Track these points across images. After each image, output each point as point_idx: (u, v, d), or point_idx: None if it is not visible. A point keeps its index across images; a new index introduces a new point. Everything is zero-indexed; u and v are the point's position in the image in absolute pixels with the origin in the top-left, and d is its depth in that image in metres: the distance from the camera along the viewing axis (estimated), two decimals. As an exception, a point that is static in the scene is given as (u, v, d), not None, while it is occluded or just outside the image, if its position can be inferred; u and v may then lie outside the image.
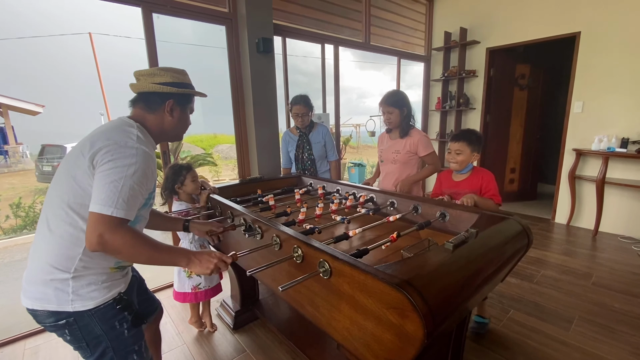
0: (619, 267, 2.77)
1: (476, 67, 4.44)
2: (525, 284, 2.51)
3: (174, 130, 1.15)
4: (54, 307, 0.95)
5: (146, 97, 1.08)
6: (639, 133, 3.26)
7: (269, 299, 2.21)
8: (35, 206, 5.52)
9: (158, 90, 1.07)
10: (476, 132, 1.87)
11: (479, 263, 1.05)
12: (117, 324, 1.03)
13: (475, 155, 1.82)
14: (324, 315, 1.05)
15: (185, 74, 1.15)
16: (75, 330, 0.99)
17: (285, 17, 3.14)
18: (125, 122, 1.03)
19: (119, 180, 0.90)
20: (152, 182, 1.03)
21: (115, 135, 0.96)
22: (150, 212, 1.33)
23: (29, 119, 7.50)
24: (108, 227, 0.88)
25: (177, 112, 1.12)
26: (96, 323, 1.00)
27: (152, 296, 1.38)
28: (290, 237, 1.16)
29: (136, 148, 0.95)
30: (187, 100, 1.14)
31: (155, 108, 1.09)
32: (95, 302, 0.98)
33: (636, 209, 3.39)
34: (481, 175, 1.82)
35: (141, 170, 0.94)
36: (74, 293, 0.96)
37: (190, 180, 1.86)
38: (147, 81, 1.07)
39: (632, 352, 1.78)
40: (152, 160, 1.00)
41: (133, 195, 0.92)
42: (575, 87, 3.66)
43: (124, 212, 0.90)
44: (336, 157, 2.76)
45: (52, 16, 42.20)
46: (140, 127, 1.05)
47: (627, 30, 3.24)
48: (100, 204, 0.88)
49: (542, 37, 3.79)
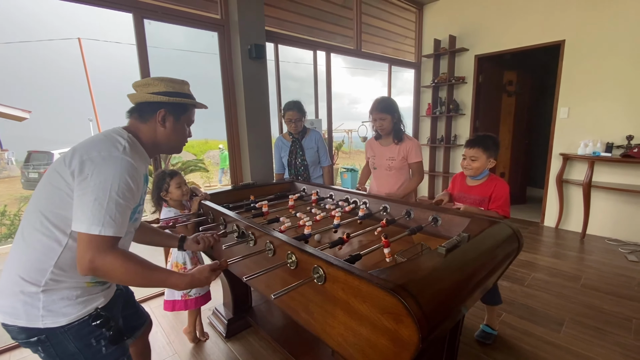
0: (607, 269, 2.82)
1: (465, 73, 4.52)
2: (516, 287, 2.54)
3: (168, 142, 1.10)
4: (24, 323, 0.90)
5: (140, 107, 1.06)
6: (623, 138, 3.35)
7: (262, 306, 2.19)
8: (21, 214, 5.39)
9: (150, 99, 1.04)
10: (493, 137, 1.78)
11: (472, 267, 1.06)
12: (94, 341, 0.97)
13: (491, 161, 1.74)
14: (318, 322, 1.04)
15: (184, 84, 1.12)
16: (48, 347, 0.93)
17: (278, 24, 3.17)
18: (116, 131, 1.00)
19: (103, 197, 0.86)
20: (138, 194, 0.98)
21: (100, 146, 0.92)
22: (142, 227, 1.30)
23: (15, 124, 7.33)
24: (98, 250, 0.85)
25: (170, 122, 1.07)
26: (70, 341, 0.94)
27: (140, 309, 1.33)
28: (284, 243, 1.15)
29: (120, 159, 0.91)
30: (181, 110, 1.09)
31: (147, 118, 1.05)
32: (68, 318, 0.93)
33: (622, 212, 3.48)
34: (495, 184, 1.74)
35: (124, 184, 0.90)
36: (44, 308, 0.90)
37: (175, 187, 1.82)
38: (142, 91, 1.06)
39: (622, 353, 1.81)
40: (137, 172, 0.95)
41: (120, 211, 0.89)
42: (561, 93, 3.75)
43: (113, 230, 0.87)
44: (329, 162, 2.77)
45: (41, 21, 41.74)
46: (132, 138, 1.01)
47: (610, 38, 3.35)
48: (87, 223, 0.84)
49: (529, 45, 3.89)
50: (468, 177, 1.84)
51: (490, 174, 1.81)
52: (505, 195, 1.71)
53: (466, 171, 1.81)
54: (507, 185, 1.76)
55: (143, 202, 1.09)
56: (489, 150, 1.73)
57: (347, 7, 3.82)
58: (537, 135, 5.40)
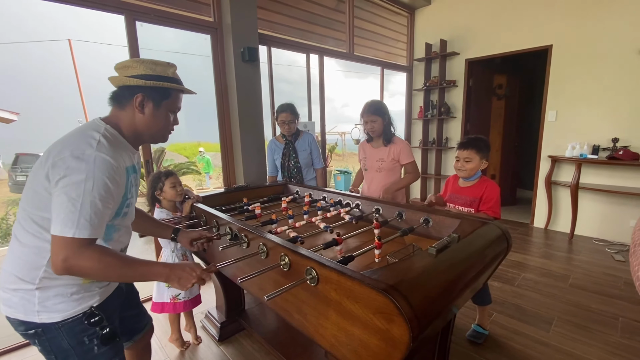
0: (595, 268, 2.88)
1: (456, 77, 4.59)
2: (507, 287, 2.58)
3: (149, 130, 1.02)
4: (22, 316, 0.92)
5: (119, 92, 0.99)
6: (609, 140, 3.44)
7: (255, 309, 2.18)
8: (9, 218, 5.29)
9: (127, 83, 0.96)
10: (484, 138, 1.82)
11: (461, 267, 1.08)
12: (87, 340, 0.97)
13: (484, 162, 1.78)
14: (311, 323, 1.05)
15: (168, 67, 1.03)
16: (44, 341, 0.95)
17: (271, 27, 3.18)
18: (91, 125, 0.94)
19: (77, 198, 0.82)
20: (120, 190, 0.94)
21: (72, 144, 0.87)
22: (141, 215, 1.28)
23: (2, 127, 7.19)
24: (72, 250, 0.82)
25: (149, 108, 0.99)
26: (63, 337, 0.95)
27: (143, 311, 1.31)
28: (277, 245, 1.16)
29: (94, 157, 0.85)
30: (162, 95, 1.00)
31: (125, 104, 0.98)
32: (62, 315, 0.93)
33: (608, 213, 3.56)
34: (485, 185, 1.78)
35: (100, 181, 0.85)
36: (40, 304, 0.92)
37: (169, 187, 1.81)
38: (121, 74, 0.98)
39: (609, 351, 1.85)
40: (114, 169, 0.89)
41: (96, 212, 0.85)
42: (548, 97, 3.84)
43: (88, 232, 0.84)
44: (322, 164, 2.79)
45: (30, 22, 41.05)
46: (110, 129, 0.95)
47: (594, 44, 3.45)
48: (60, 225, 0.82)
49: (517, 50, 3.97)
50: (461, 178, 1.87)
51: (482, 175, 1.84)
52: (495, 197, 1.74)
53: (460, 173, 1.83)
54: (498, 187, 1.79)
55: (132, 195, 1.04)
56: (482, 151, 1.76)
57: (340, 11, 3.86)
58: (526, 137, 5.50)
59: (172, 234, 1.38)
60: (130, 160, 1.02)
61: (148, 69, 0.98)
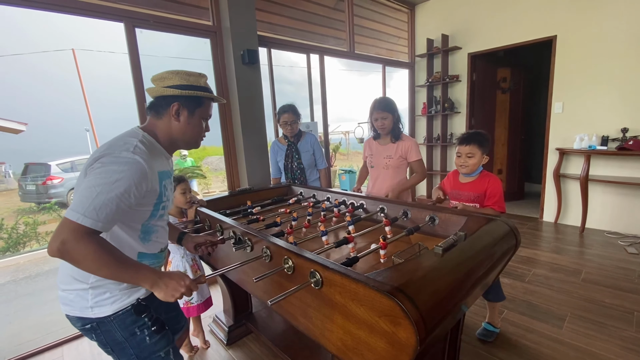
0: (607, 262, 2.82)
1: (459, 72, 4.54)
2: (517, 284, 2.53)
3: (183, 136, 1.09)
4: (78, 313, 1.00)
5: (156, 102, 1.07)
6: (618, 131, 3.36)
7: (262, 312, 2.17)
8: (18, 227, 5.35)
9: (164, 93, 1.04)
10: (484, 133, 1.79)
11: (469, 265, 1.05)
12: (138, 331, 1.04)
13: (485, 157, 1.76)
14: (317, 327, 1.03)
15: (200, 77, 1.10)
16: (99, 335, 1.02)
17: (270, 29, 3.17)
18: (131, 132, 1.02)
19: (96, 187, 0.86)
20: (140, 193, 0.95)
21: (111, 148, 0.94)
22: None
23: (12, 137, 7.31)
24: (72, 234, 0.83)
25: (184, 115, 1.07)
26: (116, 330, 1.02)
27: (180, 313, 1.38)
28: (280, 248, 1.15)
29: (129, 158, 0.91)
30: (196, 103, 1.08)
31: (162, 113, 1.06)
32: (112, 308, 1.00)
33: (620, 205, 3.48)
34: (487, 180, 1.75)
35: (127, 180, 0.89)
36: (92, 300, 0.99)
37: (179, 193, 1.81)
38: (158, 85, 1.05)
39: (624, 346, 1.80)
40: (147, 172, 0.95)
41: (109, 206, 0.86)
42: (554, 88, 3.77)
43: (91, 221, 0.84)
44: (325, 165, 2.77)
45: (34, 33, 41.74)
46: (147, 136, 1.03)
47: (600, 32, 3.37)
48: (72, 209, 0.84)
49: (521, 42, 3.91)
50: (462, 174, 1.84)
51: (483, 170, 1.82)
52: (499, 191, 1.72)
53: (462, 169, 1.79)
54: (500, 180, 1.77)
55: (167, 198, 1.11)
56: (484, 145, 1.73)
57: (339, 10, 3.84)
58: (532, 130, 5.42)
59: (178, 238, 1.40)
60: (165, 166, 1.09)
61: (182, 79, 1.06)
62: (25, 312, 3.02)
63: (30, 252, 4.85)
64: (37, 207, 6.80)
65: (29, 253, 4.81)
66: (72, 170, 7.69)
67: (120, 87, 23.92)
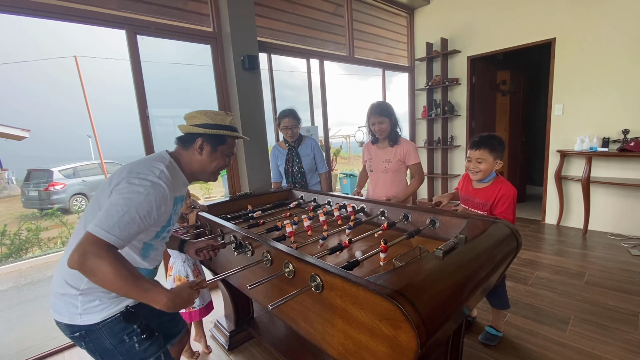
0: (610, 264, 2.80)
1: (458, 75, 4.55)
2: (520, 287, 2.52)
3: (201, 167, 1.18)
4: (67, 320, 1.01)
5: (185, 136, 1.17)
6: (619, 132, 3.36)
7: (263, 317, 2.17)
8: (21, 233, 5.37)
9: (191, 130, 1.15)
10: (497, 136, 1.68)
11: (470, 268, 1.05)
12: (127, 338, 1.05)
13: (498, 162, 1.65)
14: (318, 331, 1.03)
15: (226, 116, 1.20)
16: (88, 343, 1.03)
17: (270, 34, 3.20)
18: (159, 157, 1.10)
19: (123, 206, 0.91)
20: (158, 215, 1.00)
21: (141, 168, 1.01)
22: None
23: (15, 144, 7.36)
24: (95, 248, 0.86)
25: (206, 151, 1.16)
26: (105, 337, 1.03)
27: (178, 317, 1.39)
28: (280, 252, 1.15)
29: (154, 182, 0.98)
30: (218, 141, 1.18)
31: (187, 146, 1.16)
32: (101, 315, 1.01)
33: (622, 206, 3.47)
34: (499, 188, 1.65)
35: (149, 203, 0.96)
36: (82, 307, 1.00)
37: None
38: (188, 123, 1.18)
39: (628, 349, 1.78)
40: (167, 197, 1.02)
41: (131, 226, 0.92)
42: (554, 90, 3.77)
43: (114, 239, 0.89)
44: (326, 169, 2.78)
45: (37, 41, 42.16)
46: (173, 162, 1.11)
47: (600, 34, 3.38)
48: (96, 225, 0.88)
49: (520, 44, 3.92)
50: (474, 180, 1.76)
51: (498, 176, 1.71)
52: (509, 201, 1.61)
53: (473, 175, 1.70)
54: (514, 188, 1.65)
55: (173, 222, 1.16)
56: (496, 150, 1.63)
57: (339, 15, 3.87)
58: (533, 133, 5.42)
59: (179, 244, 1.42)
60: (182, 191, 1.17)
61: (209, 118, 1.17)
62: (27, 318, 3.02)
63: (32, 258, 4.86)
64: (40, 213, 6.82)
65: (32, 259, 4.82)
66: (75, 177, 7.71)
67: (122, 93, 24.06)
